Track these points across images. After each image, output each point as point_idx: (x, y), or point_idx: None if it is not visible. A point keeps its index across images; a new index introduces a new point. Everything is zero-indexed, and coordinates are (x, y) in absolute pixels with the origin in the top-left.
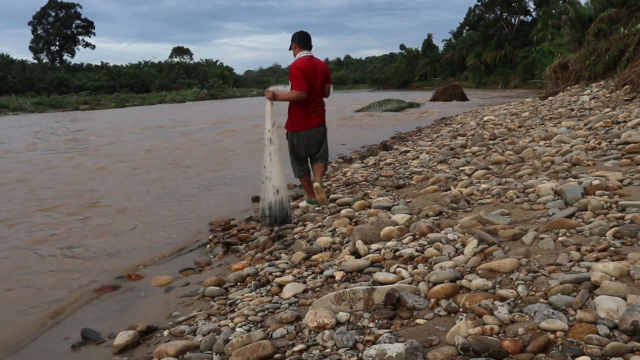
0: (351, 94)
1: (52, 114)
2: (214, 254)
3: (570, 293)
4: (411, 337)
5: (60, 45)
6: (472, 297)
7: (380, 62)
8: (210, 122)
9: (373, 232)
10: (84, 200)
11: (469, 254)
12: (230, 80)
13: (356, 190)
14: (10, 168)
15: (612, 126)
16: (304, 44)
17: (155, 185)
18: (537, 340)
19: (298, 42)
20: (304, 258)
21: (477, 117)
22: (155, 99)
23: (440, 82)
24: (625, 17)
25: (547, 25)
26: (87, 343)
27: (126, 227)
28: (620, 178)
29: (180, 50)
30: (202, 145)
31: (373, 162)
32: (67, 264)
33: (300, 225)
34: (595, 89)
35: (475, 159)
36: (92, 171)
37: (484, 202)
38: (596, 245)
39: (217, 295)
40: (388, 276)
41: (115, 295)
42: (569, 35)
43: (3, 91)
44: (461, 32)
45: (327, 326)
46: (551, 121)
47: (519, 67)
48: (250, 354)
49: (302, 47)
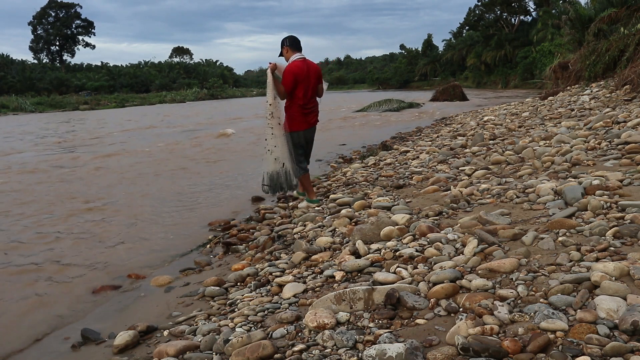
0: (351, 94)
1: (45, 115)
2: (214, 254)
3: (570, 293)
4: (411, 337)
5: (60, 45)
6: (472, 297)
7: (380, 62)
8: (206, 122)
9: (373, 232)
10: (83, 201)
11: (469, 254)
12: (230, 80)
13: (356, 190)
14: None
15: (612, 126)
16: (296, 46)
17: (155, 186)
18: (537, 340)
19: (290, 45)
20: (304, 258)
21: (477, 117)
22: (155, 99)
23: (440, 82)
24: (625, 17)
25: (547, 25)
26: (87, 343)
27: (126, 227)
28: (620, 178)
29: (180, 50)
30: (198, 145)
31: (373, 162)
32: (66, 264)
33: (300, 225)
34: (595, 89)
35: (475, 159)
36: (89, 172)
37: (484, 202)
38: (596, 245)
39: (217, 295)
40: (388, 276)
41: (115, 295)
42: (569, 35)
43: (3, 91)
44: (461, 32)
45: (327, 326)
46: (551, 121)
47: (519, 67)
48: (250, 354)
49: (294, 50)
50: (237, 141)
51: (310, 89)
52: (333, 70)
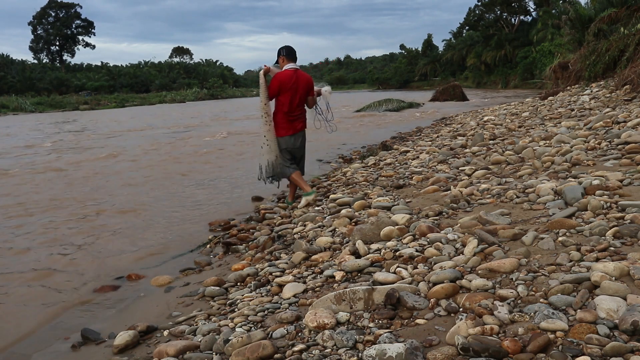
0: (351, 94)
1: (44, 115)
2: (214, 254)
3: (570, 293)
4: (411, 337)
5: (60, 45)
6: (472, 297)
7: (380, 62)
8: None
9: (373, 232)
10: (82, 202)
11: (469, 254)
12: (230, 80)
13: (356, 190)
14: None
15: (612, 126)
16: (291, 57)
17: (155, 186)
18: (537, 340)
19: (286, 55)
20: (304, 258)
21: (477, 117)
22: (155, 99)
23: (440, 82)
24: (625, 17)
25: (547, 25)
26: (87, 343)
27: (126, 227)
28: (620, 178)
29: (180, 50)
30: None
31: (373, 162)
32: (66, 264)
33: (300, 225)
34: (595, 89)
35: (475, 159)
36: (89, 172)
37: (484, 202)
38: (596, 245)
39: (217, 295)
40: (388, 276)
41: (115, 295)
42: (569, 35)
43: (3, 91)
44: (461, 32)
45: (327, 326)
46: (551, 121)
47: (519, 67)
48: (250, 354)
49: (290, 60)
50: (237, 141)
51: (297, 98)
52: (333, 70)
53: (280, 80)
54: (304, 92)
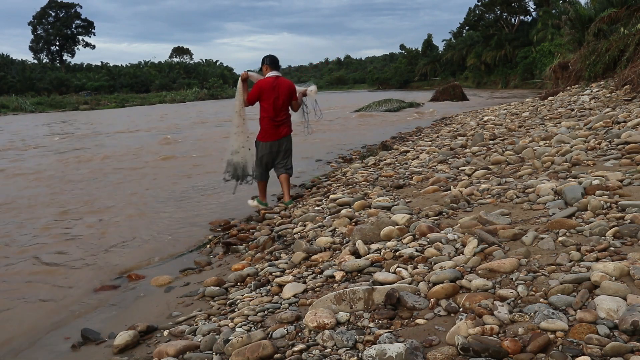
0: (351, 94)
1: (40, 115)
2: (214, 254)
3: (570, 293)
4: (411, 337)
5: (60, 45)
6: (472, 297)
7: (380, 62)
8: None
9: (373, 232)
10: (82, 202)
11: (469, 254)
12: (230, 80)
13: (356, 190)
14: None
15: (612, 126)
16: (274, 66)
17: (155, 186)
18: (537, 340)
19: (269, 64)
20: (304, 258)
21: (477, 117)
22: (155, 99)
23: (440, 82)
24: (625, 17)
25: (547, 25)
26: (87, 343)
27: (126, 227)
28: (620, 178)
29: (180, 50)
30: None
31: (373, 162)
32: (66, 264)
33: (300, 225)
34: (595, 89)
35: (475, 159)
36: (88, 173)
37: (484, 202)
38: (596, 245)
39: (217, 295)
40: (388, 276)
41: (115, 295)
42: (569, 35)
43: (3, 91)
44: (461, 32)
45: (327, 326)
46: (551, 121)
47: (519, 67)
48: (250, 354)
49: (272, 68)
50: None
51: (280, 103)
52: (333, 70)
53: (260, 86)
54: (287, 97)
